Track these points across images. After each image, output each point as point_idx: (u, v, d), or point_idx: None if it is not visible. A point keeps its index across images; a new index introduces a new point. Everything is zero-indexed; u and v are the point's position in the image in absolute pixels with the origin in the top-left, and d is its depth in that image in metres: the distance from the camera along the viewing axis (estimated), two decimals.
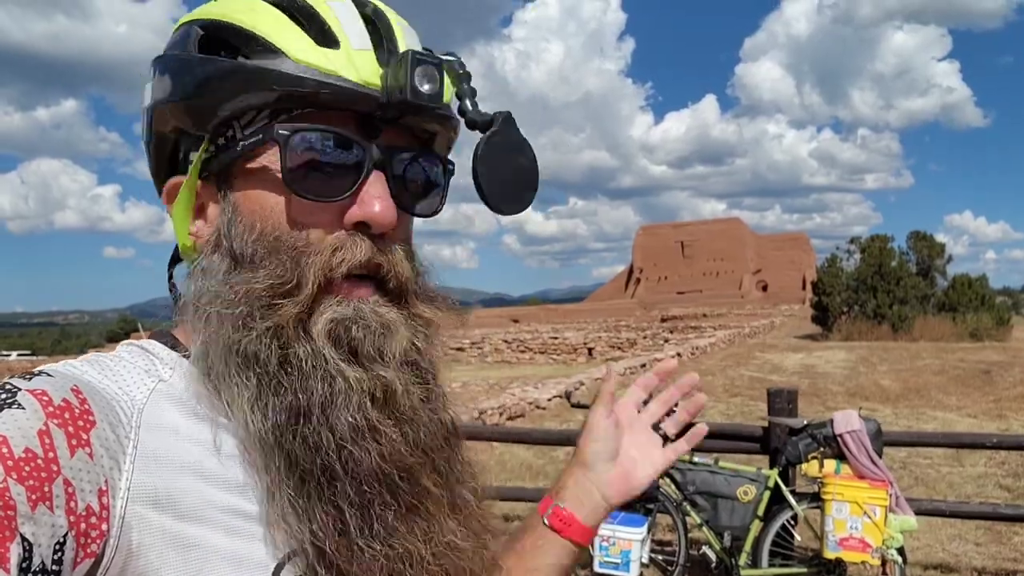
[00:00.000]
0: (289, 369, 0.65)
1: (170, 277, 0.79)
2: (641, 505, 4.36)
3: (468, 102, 0.71)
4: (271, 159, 0.67)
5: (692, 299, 75.13)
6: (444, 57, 0.73)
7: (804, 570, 4.25)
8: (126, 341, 0.72)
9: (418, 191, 0.73)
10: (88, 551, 0.56)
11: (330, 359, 0.65)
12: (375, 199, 0.67)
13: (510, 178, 0.71)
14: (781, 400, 4.71)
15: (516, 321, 49.18)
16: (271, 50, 0.66)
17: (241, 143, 0.68)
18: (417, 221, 0.77)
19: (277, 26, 0.67)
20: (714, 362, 17.54)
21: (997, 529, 5.59)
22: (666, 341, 24.15)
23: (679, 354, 18.08)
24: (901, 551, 4.00)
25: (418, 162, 0.72)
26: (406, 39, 0.71)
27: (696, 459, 4.59)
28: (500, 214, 0.72)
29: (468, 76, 0.73)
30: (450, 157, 0.78)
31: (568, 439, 5.94)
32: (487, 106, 0.72)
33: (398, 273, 0.70)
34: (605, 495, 0.90)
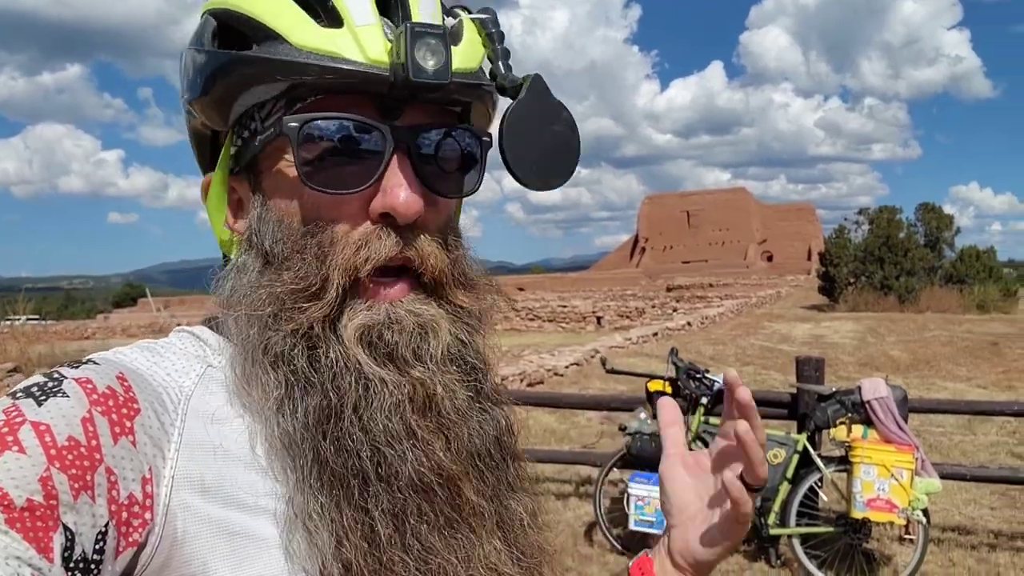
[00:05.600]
0: (320, 368, 0.62)
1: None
2: None
3: (500, 65, 0.66)
4: (289, 152, 0.63)
5: (697, 269, 75.16)
6: (476, 16, 0.68)
7: (831, 529, 4.43)
8: (178, 327, 0.71)
9: (451, 170, 0.67)
10: (130, 540, 0.55)
11: (363, 361, 0.62)
12: (398, 188, 0.62)
13: (542, 151, 0.65)
14: (809, 368, 4.86)
15: (522, 289, 49.29)
16: (272, 37, 0.62)
17: (259, 137, 0.65)
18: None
19: (278, 9, 0.63)
20: (723, 331, 17.69)
21: (1011, 494, 5.77)
22: (675, 310, 24.30)
23: (689, 323, 18.24)
24: (925, 512, 4.17)
25: (450, 139, 0.66)
26: (421, 3, 0.64)
27: None
28: (534, 190, 0.66)
29: (500, 36, 0.68)
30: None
31: (597, 404, 6.12)
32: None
33: (431, 266, 0.65)
34: (671, 551, 0.73)
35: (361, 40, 0.61)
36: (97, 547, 0.52)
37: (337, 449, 0.61)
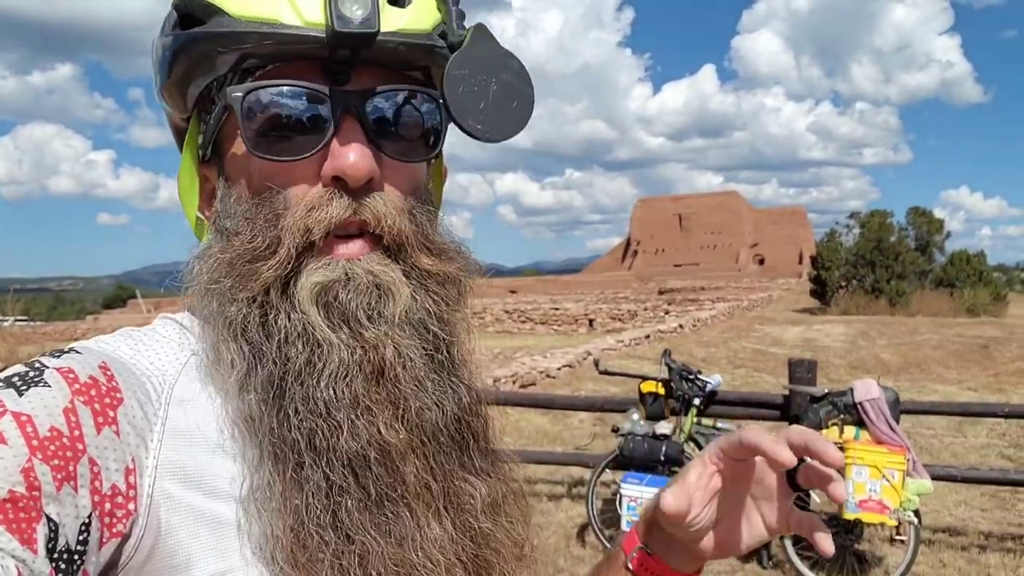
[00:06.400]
0: (270, 337, 0.61)
1: None
2: (667, 468, 4.54)
3: (454, 24, 0.64)
4: (238, 125, 0.63)
5: (689, 272, 75.29)
6: None
7: None
8: (162, 315, 0.70)
9: (406, 133, 0.66)
10: (114, 531, 0.54)
11: (315, 324, 0.60)
12: (346, 150, 0.61)
13: (490, 101, 0.62)
14: (801, 370, 4.87)
15: (514, 292, 49.27)
16: (215, 12, 0.61)
17: (212, 115, 0.65)
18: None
19: None
20: (715, 334, 17.70)
21: (1001, 496, 5.81)
22: (667, 313, 24.33)
23: (681, 326, 18.26)
24: (916, 513, 4.18)
25: (402, 100, 0.65)
26: None
27: (720, 425, 4.77)
28: (484, 141, 0.63)
29: None
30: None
31: (589, 405, 6.12)
32: None
33: (387, 227, 0.63)
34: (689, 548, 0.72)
35: (297, 4, 0.60)
36: (81, 538, 0.52)
37: (279, 422, 0.60)
